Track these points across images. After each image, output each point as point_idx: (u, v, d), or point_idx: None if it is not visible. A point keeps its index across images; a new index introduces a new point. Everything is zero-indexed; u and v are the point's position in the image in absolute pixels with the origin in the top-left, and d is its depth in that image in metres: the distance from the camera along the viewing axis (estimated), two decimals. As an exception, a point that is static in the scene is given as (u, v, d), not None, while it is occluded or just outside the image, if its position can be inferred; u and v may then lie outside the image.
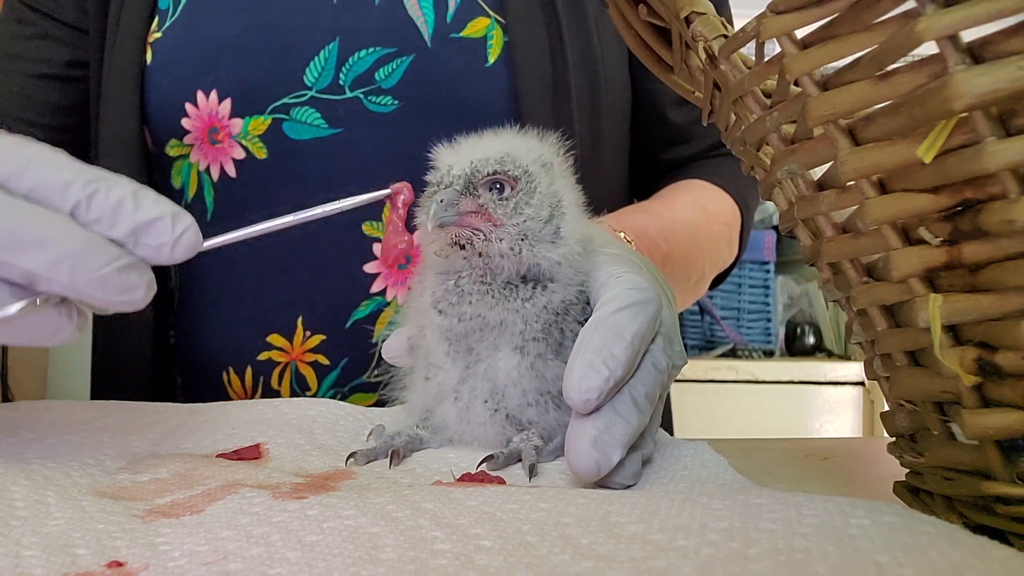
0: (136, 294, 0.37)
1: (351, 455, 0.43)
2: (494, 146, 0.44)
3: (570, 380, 0.38)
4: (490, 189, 0.43)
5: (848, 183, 0.30)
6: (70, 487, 0.36)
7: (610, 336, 0.38)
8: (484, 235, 0.43)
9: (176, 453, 0.45)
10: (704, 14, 0.37)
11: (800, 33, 0.30)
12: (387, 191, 0.44)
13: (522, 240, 0.43)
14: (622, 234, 0.61)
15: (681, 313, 0.78)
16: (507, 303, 0.43)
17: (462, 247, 0.43)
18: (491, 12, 0.71)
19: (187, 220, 0.37)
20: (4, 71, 0.78)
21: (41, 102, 0.78)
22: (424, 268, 0.47)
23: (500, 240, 0.43)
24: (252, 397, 0.72)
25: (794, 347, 2.41)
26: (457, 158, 0.44)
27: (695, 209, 0.79)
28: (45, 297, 0.36)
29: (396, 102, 0.69)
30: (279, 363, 0.71)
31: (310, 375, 0.71)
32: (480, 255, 0.43)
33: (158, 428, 0.50)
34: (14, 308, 0.35)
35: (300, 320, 0.70)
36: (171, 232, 0.37)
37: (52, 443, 0.43)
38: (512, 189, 0.43)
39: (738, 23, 0.39)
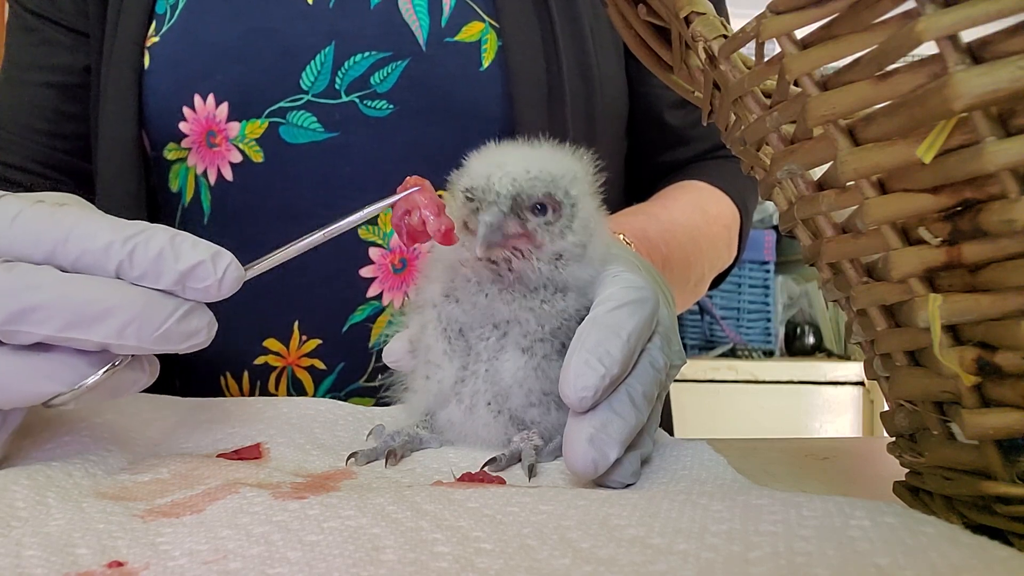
0: (199, 337, 0.38)
1: (351, 455, 0.43)
2: (535, 163, 0.43)
3: (566, 378, 0.38)
4: (534, 212, 0.43)
5: (848, 183, 0.30)
6: (71, 488, 0.36)
7: (606, 334, 0.38)
8: (523, 255, 0.43)
9: (177, 453, 0.45)
10: (704, 14, 0.37)
11: (800, 33, 0.30)
12: (414, 188, 0.43)
13: (557, 259, 0.43)
14: (621, 236, 0.61)
15: (681, 313, 0.78)
16: (524, 301, 0.43)
17: (494, 263, 0.43)
18: (485, 16, 0.71)
19: (227, 258, 0.38)
20: (14, 81, 0.79)
21: (50, 110, 0.78)
22: (433, 262, 0.47)
23: (538, 259, 0.43)
24: None
25: (794, 347, 2.41)
26: (497, 171, 0.42)
27: (694, 211, 0.79)
28: (120, 360, 0.38)
29: (391, 106, 0.69)
30: (276, 368, 0.71)
31: (307, 380, 0.71)
32: (511, 270, 0.43)
33: (158, 427, 0.50)
34: (92, 379, 0.37)
35: (296, 324, 0.70)
36: (214, 273, 0.38)
37: (53, 443, 0.43)
38: (555, 212, 0.43)
39: (738, 23, 0.39)
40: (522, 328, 0.44)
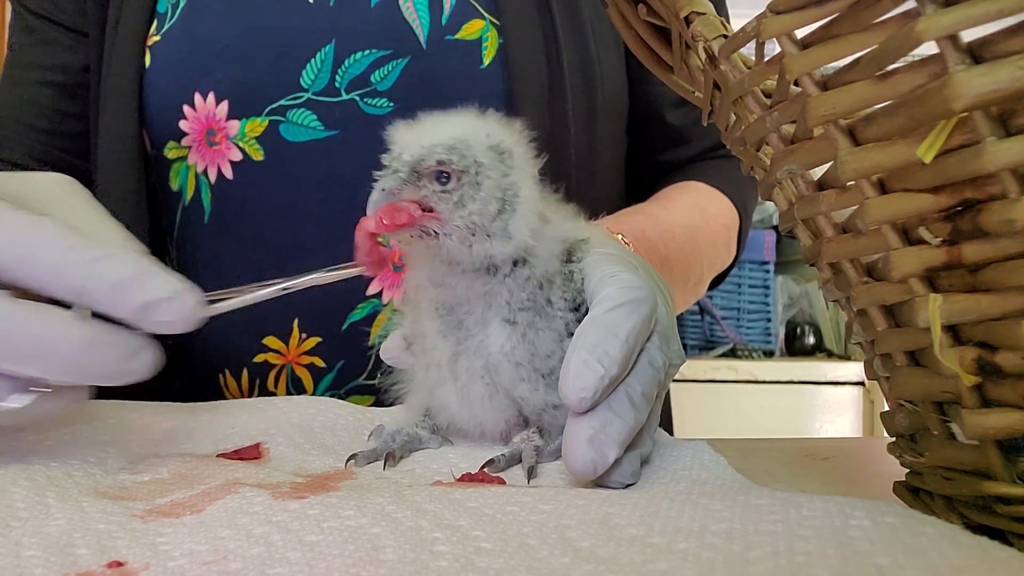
0: (137, 377, 0.38)
1: (351, 457, 0.43)
2: (448, 130, 0.43)
3: (565, 379, 0.38)
4: (435, 179, 0.42)
5: (848, 183, 0.30)
6: (71, 488, 0.36)
7: (604, 334, 0.38)
8: (432, 232, 0.42)
9: (176, 453, 0.45)
10: (704, 14, 0.37)
11: (800, 33, 0.30)
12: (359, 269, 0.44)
13: (472, 235, 0.42)
14: (620, 236, 0.61)
15: (681, 313, 0.78)
16: (488, 276, 0.43)
17: (420, 236, 0.43)
18: (486, 14, 0.71)
19: (192, 295, 0.37)
20: (15, 80, 0.79)
21: (50, 109, 0.78)
22: (414, 252, 0.47)
23: (448, 236, 0.42)
24: None
25: (794, 347, 2.41)
26: (410, 141, 0.43)
27: (693, 210, 0.79)
28: (50, 387, 0.36)
29: (391, 104, 0.69)
30: (275, 365, 0.71)
31: (306, 377, 0.70)
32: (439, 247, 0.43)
33: (158, 428, 0.50)
34: (15, 404, 0.36)
35: (296, 322, 0.70)
36: (177, 309, 0.37)
37: (53, 443, 0.43)
38: (458, 180, 0.42)
39: (738, 23, 0.39)
40: (499, 300, 0.44)
